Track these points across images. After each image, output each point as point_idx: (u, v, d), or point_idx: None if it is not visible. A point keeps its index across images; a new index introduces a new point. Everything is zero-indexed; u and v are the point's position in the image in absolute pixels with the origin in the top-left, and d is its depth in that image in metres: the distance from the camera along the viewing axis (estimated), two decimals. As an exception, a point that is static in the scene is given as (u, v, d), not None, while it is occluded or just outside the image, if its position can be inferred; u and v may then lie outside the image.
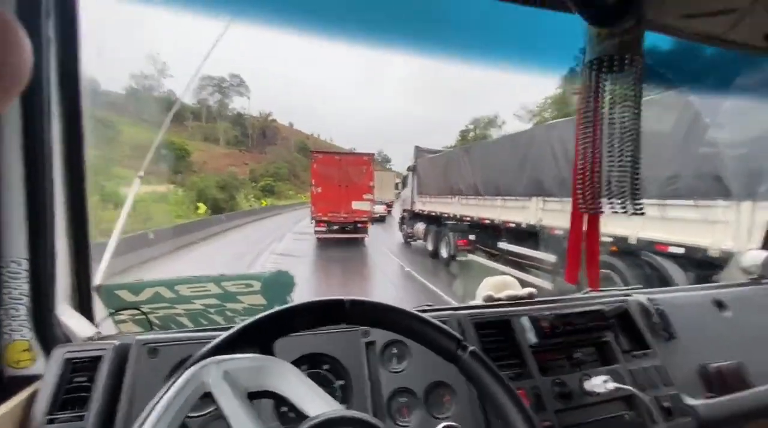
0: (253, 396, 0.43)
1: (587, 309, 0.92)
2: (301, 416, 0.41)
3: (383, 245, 12.07)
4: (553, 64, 1.13)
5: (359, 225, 12.09)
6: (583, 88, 0.87)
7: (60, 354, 0.73)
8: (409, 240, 11.41)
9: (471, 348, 0.49)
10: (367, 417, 0.42)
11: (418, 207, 10.53)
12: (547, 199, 5.40)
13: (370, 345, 0.82)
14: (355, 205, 11.96)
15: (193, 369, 0.39)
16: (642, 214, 0.79)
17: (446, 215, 8.73)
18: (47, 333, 0.79)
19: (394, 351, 0.82)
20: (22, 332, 0.77)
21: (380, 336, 0.82)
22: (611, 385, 0.78)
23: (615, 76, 0.84)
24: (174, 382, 0.39)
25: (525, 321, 0.89)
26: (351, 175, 12.21)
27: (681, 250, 3.50)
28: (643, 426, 0.80)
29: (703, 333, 1.01)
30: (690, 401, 0.85)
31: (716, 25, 0.88)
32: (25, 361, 0.77)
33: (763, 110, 2.79)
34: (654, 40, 0.93)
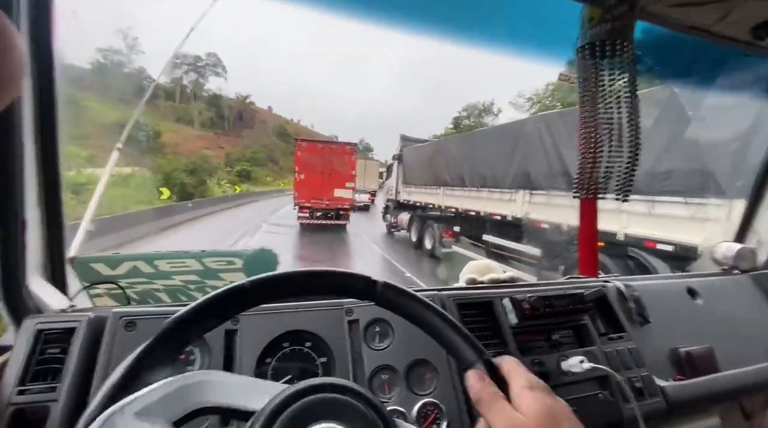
0: (183, 421, 0.39)
1: (567, 292, 0.94)
2: (249, 415, 0.39)
3: (366, 235, 12.08)
4: (554, 52, 1.12)
5: (341, 212, 12.64)
6: (579, 74, 0.90)
7: (31, 324, 0.72)
8: (392, 230, 11.44)
9: (488, 358, 0.48)
10: (346, 382, 0.42)
11: (403, 197, 10.54)
12: (534, 192, 5.44)
13: (353, 323, 0.83)
14: (338, 193, 12.52)
15: (97, 423, 0.34)
16: (626, 200, 0.81)
17: (431, 206, 8.74)
18: (18, 303, 0.77)
19: (377, 329, 0.84)
20: None
21: (364, 314, 0.84)
22: (587, 365, 0.81)
23: (608, 62, 0.88)
24: None
25: (507, 303, 0.91)
26: (334, 163, 12.64)
27: (670, 248, 3.52)
28: (617, 405, 0.84)
29: (676, 319, 1.08)
30: (660, 382, 0.90)
31: (705, 16, 0.95)
32: None
33: (750, 106, 2.84)
34: (643, 31, 0.98)
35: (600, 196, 0.93)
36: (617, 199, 0.94)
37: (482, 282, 1.08)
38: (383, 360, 0.78)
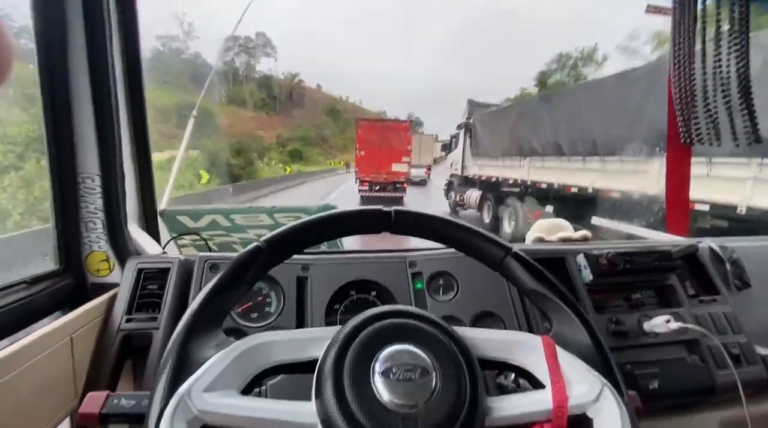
0: (250, 386, 0.41)
1: (650, 248, 0.90)
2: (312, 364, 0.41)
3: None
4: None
5: (398, 184, 13.94)
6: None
7: (133, 264, 0.88)
8: (458, 208, 10.19)
9: (514, 249, 0.51)
10: (417, 309, 0.46)
11: (472, 171, 9.23)
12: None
13: (416, 275, 0.88)
14: (395, 167, 13.84)
15: (169, 411, 0.35)
16: (759, 142, 0.70)
17: (511, 181, 7.38)
18: (121, 246, 0.94)
19: (441, 282, 0.87)
20: (100, 244, 0.91)
21: (426, 267, 0.89)
22: (674, 325, 0.77)
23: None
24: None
25: (581, 259, 0.89)
26: (391, 139, 13.87)
27: None
28: (707, 370, 0.79)
29: None
30: (762, 351, 0.83)
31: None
32: (103, 270, 0.92)
33: None
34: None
35: (702, 141, 0.82)
36: (737, 145, 0.79)
37: (551, 242, 1.04)
38: (448, 311, 0.81)
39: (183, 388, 0.36)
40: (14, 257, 1.08)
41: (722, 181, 3.57)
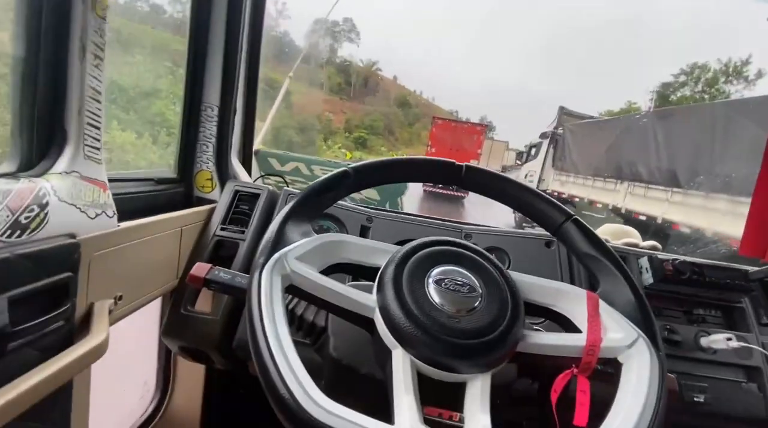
0: (327, 271, 0.50)
1: (726, 265, 0.86)
2: (374, 272, 0.50)
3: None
4: None
5: None
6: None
7: (231, 186, 1.06)
8: (524, 225, 9.36)
9: (574, 216, 0.56)
10: (464, 242, 0.54)
11: (554, 187, 8.58)
12: None
13: None
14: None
15: (270, 265, 0.45)
16: None
17: (599, 205, 6.72)
18: (223, 172, 1.14)
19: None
20: (208, 165, 1.12)
21: (481, 241, 0.94)
22: (735, 344, 0.74)
23: None
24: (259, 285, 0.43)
25: (644, 261, 0.88)
26: (463, 141, 15.09)
27: None
28: (764, 401, 0.76)
29: None
30: None
31: None
32: (207, 187, 1.12)
33: None
34: None
35: None
36: None
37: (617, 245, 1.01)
38: None
39: (281, 252, 0.47)
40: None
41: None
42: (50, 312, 0.53)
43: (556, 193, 8.25)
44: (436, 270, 0.48)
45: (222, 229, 0.99)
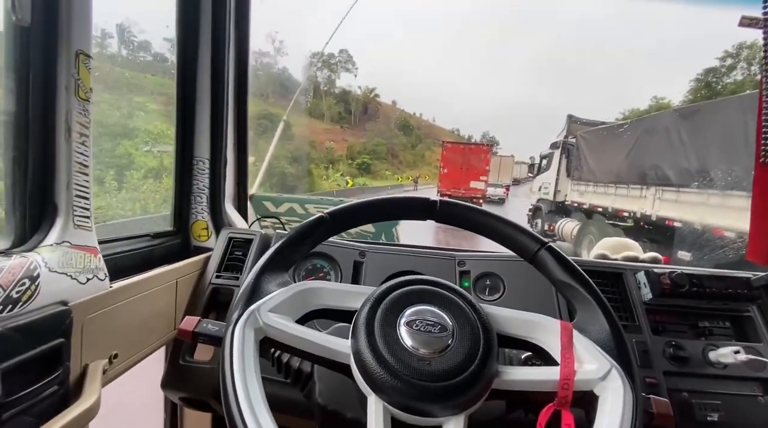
0: (303, 320, 0.52)
1: (726, 274, 0.84)
2: (351, 314, 0.52)
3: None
4: None
5: (474, 200, 15.41)
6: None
7: (225, 233, 1.11)
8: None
9: (548, 243, 0.57)
10: (439, 279, 0.54)
11: (572, 197, 8.02)
12: None
13: (464, 274, 0.94)
14: (473, 184, 16.93)
15: (242, 320, 0.46)
16: None
17: (625, 213, 6.22)
18: (218, 218, 1.21)
19: (488, 282, 0.93)
20: (203, 215, 1.18)
21: (475, 267, 0.95)
22: (743, 356, 0.72)
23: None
24: (232, 336, 0.45)
25: (641, 276, 0.87)
26: (471, 160, 16.96)
27: None
28: None
29: None
30: None
31: None
32: (203, 236, 1.18)
33: None
34: None
35: None
36: None
37: (615, 260, 1.01)
38: None
39: (254, 306, 0.48)
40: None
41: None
42: (44, 379, 0.56)
43: (576, 204, 7.83)
44: (408, 311, 0.49)
45: (217, 277, 1.03)
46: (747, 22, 0.82)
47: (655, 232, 5.49)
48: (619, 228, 6.30)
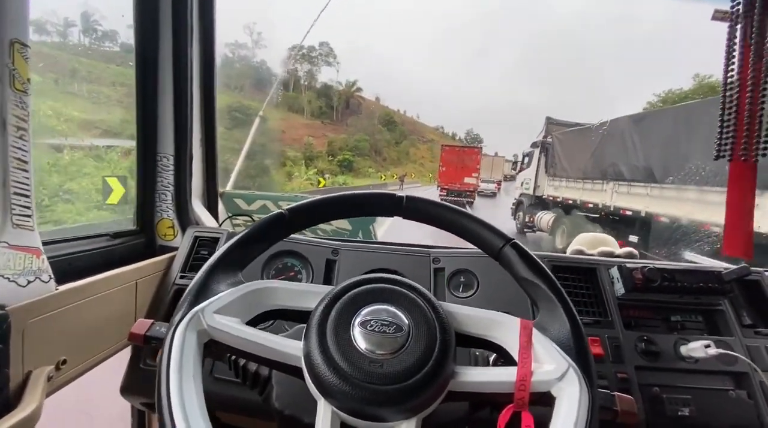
0: (255, 321, 0.51)
1: (698, 267, 0.87)
2: (306, 315, 0.50)
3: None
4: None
5: (468, 193, 20.40)
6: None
7: (191, 232, 1.09)
8: (525, 230, 10.18)
9: (513, 240, 0.56)
10: (397, 277, 0.54)
11: (547, 192, 9.15)
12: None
13: (439, 271, 0.95)
14: (466, 180, 20.71)
15: (184, 322, 0.45)
16: None
17: (591, 205, 7.26)
18: (184, 217, 1.18)
19: (462, 279, 0.94)
20: (168, 213, 1.16)
21: (450, 264, 0.96)
22: (713, 351, 0.74)
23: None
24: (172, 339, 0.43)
25: (614, 271, 0.89)
26: (465, 160, 20.85)
27: None
28: (755, 408, 0.74)
29: None
30: None
31: None
32: (169, 235, 1.16)
33: None
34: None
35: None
36: None
37: (590, 255, 1.05)
38: None
39: (198, 307, 0.46)
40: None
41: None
42: None
43: (552, 198, 8.84)
44: (364, 311, 0.48)
45: (182, 277, 1.01)
46: (720, 16, 0.85)
47: (616, 221, 6.55)
48: (588, 218, 7.28)
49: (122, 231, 1.06)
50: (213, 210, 1.34)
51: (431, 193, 27.11)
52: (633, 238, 5.94)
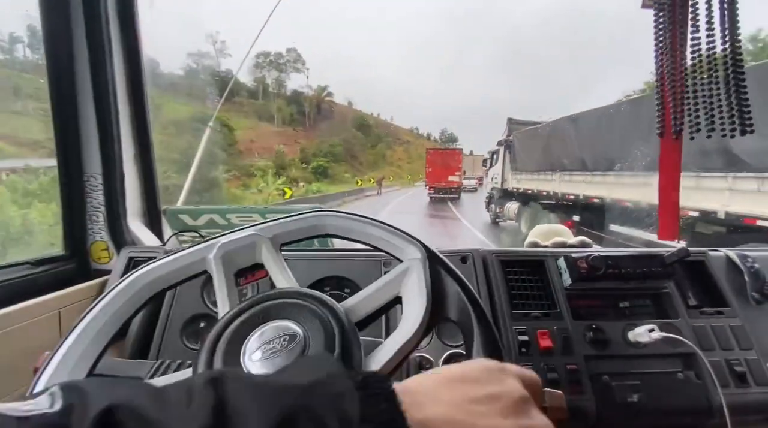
0: (244, 271, 0.59)
1: (641, 252, 0.88)
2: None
3: (472, 224, 12.94)
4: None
5: (452, 189, 23.81)
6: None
7: (125, 253, 1.04)
8: (498, 220, 11.64)
9: (432, 250, 0.57)
10: (300, 288, 0.54)
11: (512, 184, 10.41)
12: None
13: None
14: (450, 178, 23.96)
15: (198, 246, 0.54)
16: (752, 131, 0.71)
17: (545, 193, 8.43)
18: (119, 238, 1.14)
19: None
20: (101, 235, 1.12)
21: None
22: (656, 335, 0.75)
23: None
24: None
25: (561, 262, 0.90)
26: (448, 161, 24.27)
27: None
28: (703, 389, 0.75)
29: None
30: None
31: None
32: (104, 258, 1.12)
33: None
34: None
35: (693, 133, 0.81)
36: (724, 135, 0.76)
37: (545, 246, 1.09)
38: None
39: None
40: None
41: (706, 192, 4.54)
42: None
43: (516, 190, 10.18)
44: (250, 341, 0.44)
45: None
46: (648, 4, 0.87)
47: (565, 206, 7.76)
48: (544, 205, 8.42)
49: (48, 258, 1.01)
50: (156, 228, 1.29)
51: (412, 194, 29.41)
52: (576, 218, 7.23)
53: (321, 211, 0.63)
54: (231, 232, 0.60)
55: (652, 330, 0.76)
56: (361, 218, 0.62)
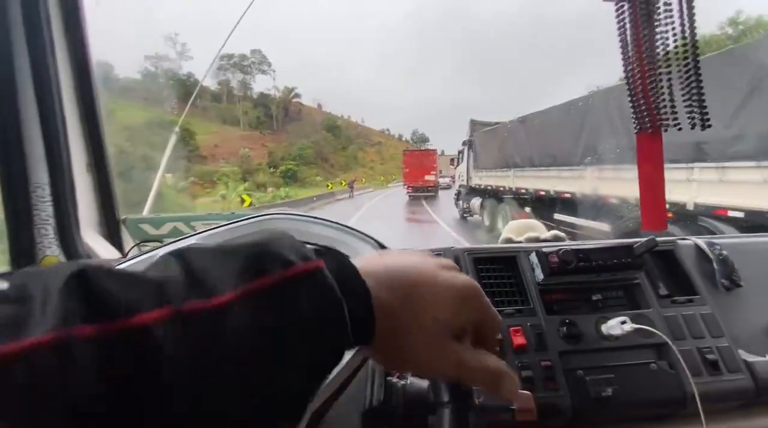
0: None
1: (611, 244, 0.87)
2: None
3: (441, 219, 13.76)
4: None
5: (429, 188, 25.67)
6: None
7: None
8: (465, 215, 12.45)
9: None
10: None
11: (475, 181, 11.21)
12: (603, 167, 5.66)
13: None
14: (426, 177, 26.06)
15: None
16: (710, 125, 0.70)
17: (502, 188, 9.20)
18: (72, 251, 1.09)
19: None
20: (52, 249, 1.06)
21: None
22: (628, 327, 0.75)
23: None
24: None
25: (533, 257, 0.90)
26: (424, 161, 26.55)
27: (740, 214, 3.71)
28: (676, 378, 0.75)
29: None
30: (748, 357, 0.79)
31: None
32: None
33: None
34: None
35: (667, 126, 0.77)
36: (694, 127, 0.75)
37: (519, 242, 1.09)
38: None
39: None
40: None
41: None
42: None
43: (479, 186, 10.94)
44: None
45: None
46: None
47: (520, 199, 8.41)
48: (501, 199, 9.20)
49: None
50: (116, 240, 1.25)
51: (386, 195, 29.74)
52: (527, 210, 8.01)
53: (272, 214, 0.64)
54: (172, 243, 0.59)
55: (624, 323, 0.77)
56: (312, 219, 0.63)
